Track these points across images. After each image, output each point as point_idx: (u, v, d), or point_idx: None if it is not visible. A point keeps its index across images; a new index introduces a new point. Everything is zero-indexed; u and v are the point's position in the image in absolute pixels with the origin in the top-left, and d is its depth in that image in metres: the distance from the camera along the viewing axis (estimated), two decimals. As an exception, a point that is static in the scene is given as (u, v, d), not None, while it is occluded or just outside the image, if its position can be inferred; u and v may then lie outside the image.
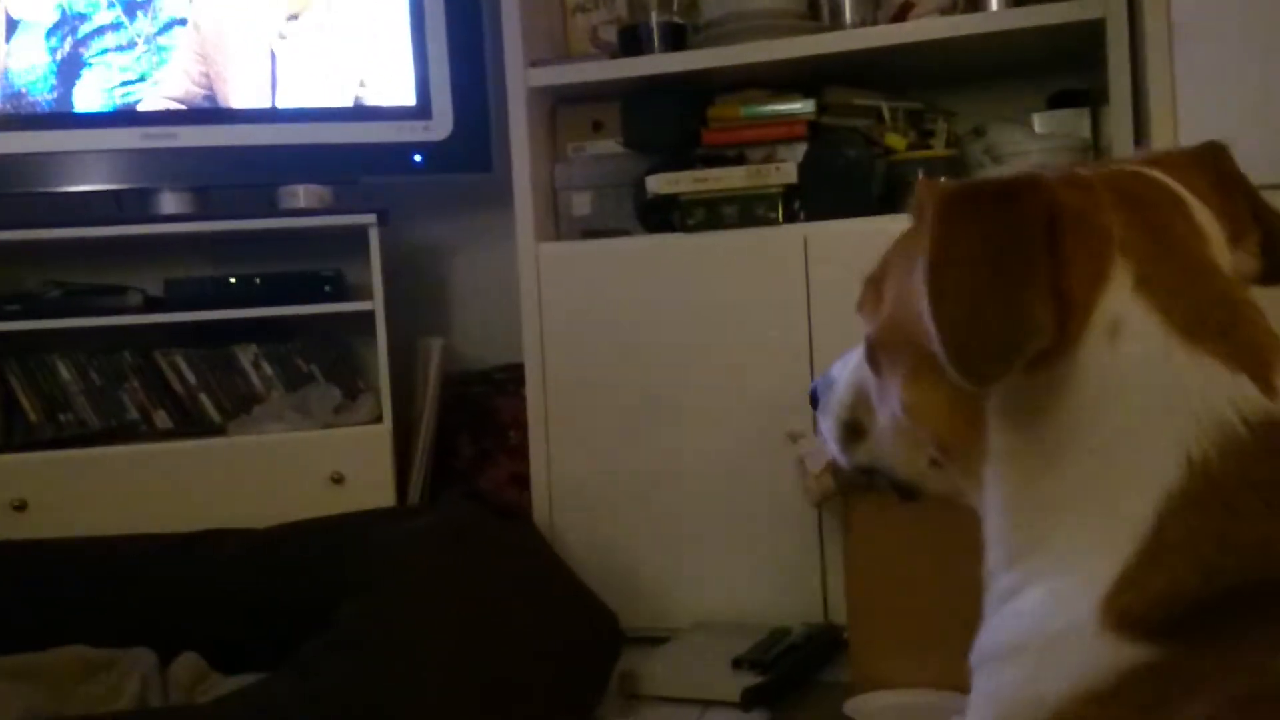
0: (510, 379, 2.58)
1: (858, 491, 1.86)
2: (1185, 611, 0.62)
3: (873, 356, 0.84)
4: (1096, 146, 2.29)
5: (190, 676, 1.87)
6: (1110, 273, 0.67)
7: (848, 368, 0.93)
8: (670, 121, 2.33)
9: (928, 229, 0.68)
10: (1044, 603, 0.69)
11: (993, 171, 2.21)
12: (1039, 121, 2.37)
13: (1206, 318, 0.67)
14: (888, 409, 0.84)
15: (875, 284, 0.84)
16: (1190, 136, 1.86)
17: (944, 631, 1.79)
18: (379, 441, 2.39)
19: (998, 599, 0.74)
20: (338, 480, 2.35)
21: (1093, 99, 2.34)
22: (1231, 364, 0.65)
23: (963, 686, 1.77)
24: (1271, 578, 0.61)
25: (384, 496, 2.37)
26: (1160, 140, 1.92)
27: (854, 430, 0.91)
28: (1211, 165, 0.75)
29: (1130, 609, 0.64)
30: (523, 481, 2.50)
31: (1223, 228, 0.71)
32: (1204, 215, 0.71)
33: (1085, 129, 2.33)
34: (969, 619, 1.80)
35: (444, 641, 1.64)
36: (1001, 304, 0.65)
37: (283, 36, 2.44)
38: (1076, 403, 0.68)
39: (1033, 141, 2.26)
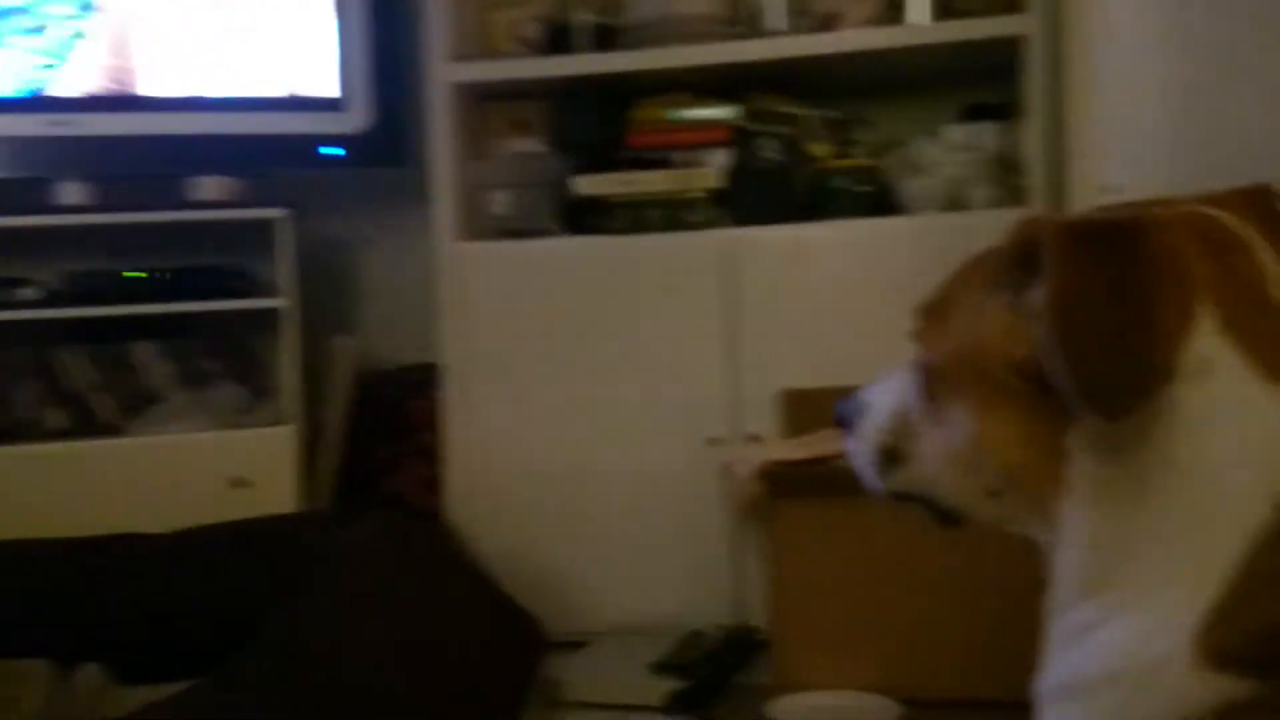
0: (423, 379, 2.53)
1: (784, 497, 1.86)
2: None
3: (931, 386, 0.84)
4: (1010, 160, 2.33)
5: (92, 689, 1.78)
6: (1197, 314, 0.69)
7: (884, 392, 0.92)
8: (598, 123, 2.32)
9: (1051, 268, 0.69)
10: (1133, 636, 0.69)
11: (913, 182, 2.24)
12: (954, 133, 2.40)
13: None
14: (941, 437, 0.84)
15: (935, 313, 0.84)
16: (1109, 152, 1.91)
17: (864, 634, 1.82)
18: (285, 444, 2.32)
19: (1073, 631, 0.73)
20: (241, 484, 2.27)
21: (1007, 112, 2.38)
22: None
23: (883, 688, 1.79)
24: None
25: (290, 500, 2.29)
26: (1079, 154, 1.96)
27: (892, 456, 0.91)
28: (1262, 207, 0.78)
29: (1226, 644, 0.65)
30: (434, 485, 2.45)
31: (1277, 267, 0.74)
32: (1265, 256, 0.74)
33: (997, 140, 2.37)
34: (889, 621, 1.82)
35: (372, 652, 1.60)
36: (1131, 344, 0.67)
37: (196, 26, 2.36)
38: (1165, 439, 0.69)
39: (950, 154, 2.29)
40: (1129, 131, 1.91)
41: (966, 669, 1.77)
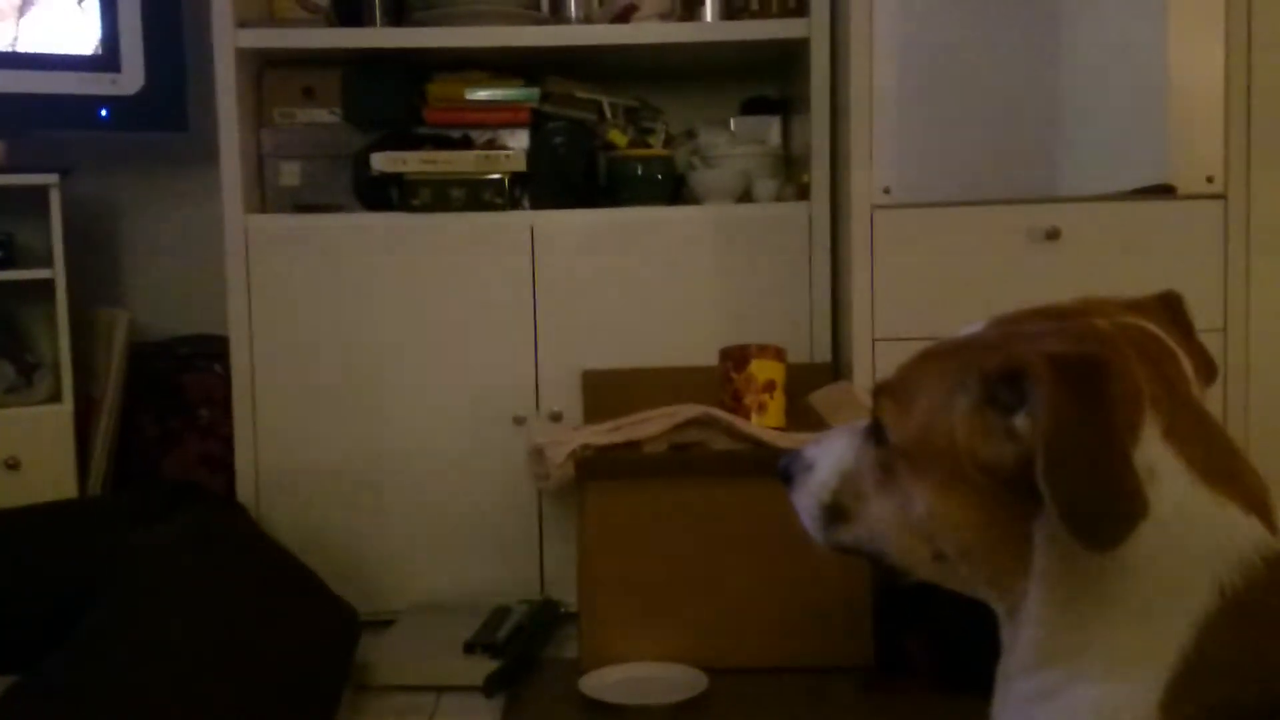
0: (198, 353, 2.44)
1: (595, 479, 1.94)
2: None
3: (887, 459, 0.89)
4: (786, 151, 2.48)
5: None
6: (1144, 424, 0.77)
7: (829, 453, 0.96)
8: (392, 97, 2.29)
9: (1043, 403, 0.74)
10: (1101, 703, 0.76)
11: (701, 173, 2.34)
12: (735, 125, 2.53)
13: (1218, 464, 0.79)
14: (894, 506, 0.89)
15: (897, 396, 0.88)
16: (884, 149, 2.07)
17: (671, 608, 1.93)
18: (58, 423, 2.20)
19: (1033, 695, 0.81)
20: (13, 466, 2.14)
21: (784, 107, 2.53)
22: (1244, 506, 0.78)
23: (688, 658, 1.91)
24: None
25: (65, 482, 2.18)
26: (858, 149, 2.09)
27: (836, 513, 0.95)
28: (1175, 313, 0.88)
29: (1191, 716, 0.73)
30: (214, 463, 2.39)
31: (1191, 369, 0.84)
32: (1186, 363, 0.83)
33: (776, 135, 2.51)
34: (693, 596, 1.95)
35: (189, 651, 1.57)
36: (1117, 479, 0.73)
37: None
38: None
39: (735, 146, 2.41)
40: (901, 129, 2.07)
41: (764, 639, 1.92)
